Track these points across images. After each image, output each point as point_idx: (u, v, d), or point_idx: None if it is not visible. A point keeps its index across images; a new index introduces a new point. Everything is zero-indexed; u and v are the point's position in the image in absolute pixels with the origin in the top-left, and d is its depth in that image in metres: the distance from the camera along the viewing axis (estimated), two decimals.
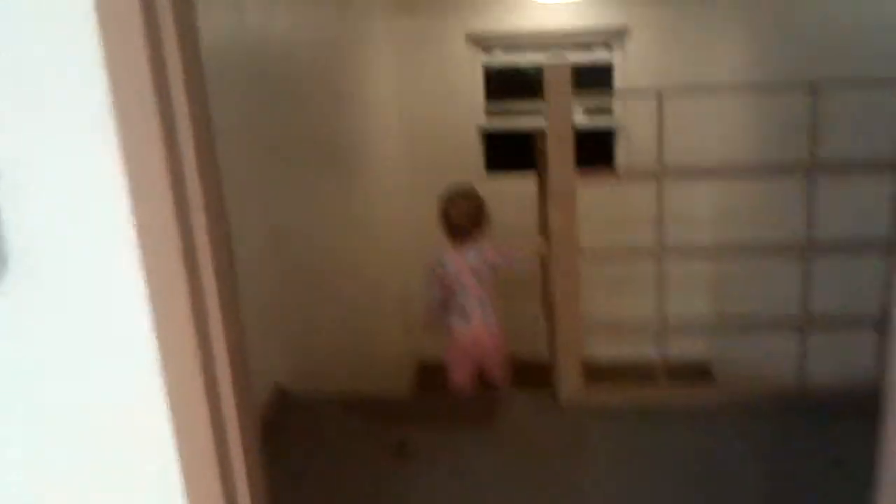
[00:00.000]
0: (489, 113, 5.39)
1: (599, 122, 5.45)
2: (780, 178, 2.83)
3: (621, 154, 5.42)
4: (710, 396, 2.70)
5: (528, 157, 5.46)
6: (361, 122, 4.43)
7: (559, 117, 2.43)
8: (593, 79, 5.32)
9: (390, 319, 5.10)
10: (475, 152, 5.46)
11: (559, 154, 2.46)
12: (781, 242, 2.56)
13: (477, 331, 3.10)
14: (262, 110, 2.74)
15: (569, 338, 2.64)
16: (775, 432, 2.51)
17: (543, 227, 2.74)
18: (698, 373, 5.49)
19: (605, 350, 4.42)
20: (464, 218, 3.05)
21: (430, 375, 3.17)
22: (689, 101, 5.03)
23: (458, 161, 5.40)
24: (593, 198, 3.11)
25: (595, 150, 5.46)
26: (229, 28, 2.48)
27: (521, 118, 5.39)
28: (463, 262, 3.06)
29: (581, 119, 5.26)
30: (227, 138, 2.47)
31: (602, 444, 2.52)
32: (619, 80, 5.24)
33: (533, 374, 3.23)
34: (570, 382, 2.69)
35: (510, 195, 5.39)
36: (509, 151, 5.53)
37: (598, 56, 5.25)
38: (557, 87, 2.42)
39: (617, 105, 5.32)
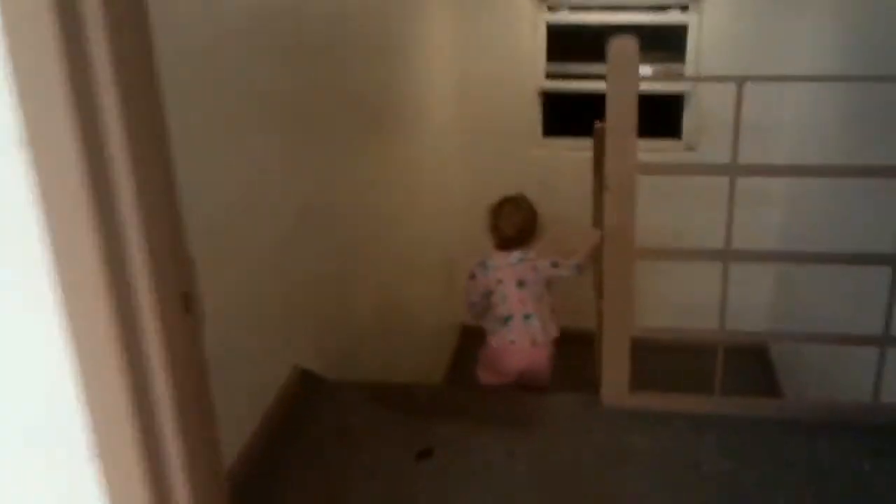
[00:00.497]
0: (551, 75, 5.08)
1: (668, 87, 5.12)
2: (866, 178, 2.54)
3: (689, 122, 5.09)
4: (772, 409, 2.48)
5: (590, 122, 5.19)
6: (413, 82, 4.20)
7: (621, 104, 2.17)
8: (665, 41, 4.98)
9: (434, 282, 4.94)
10: (534, 115, 5.18)
11: (619, 146, 2.20)
12: (864, 254, 2.29)
13: (517, 345, 2.87)
14: (296, 73, 2.53)
15: (616, 345, 2.43)
16: (840, 453, 2.29)
17: (598, 219, 2.50)
18: (754, 354, 5.22)
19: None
20: (514, 229, 2.83)
21: (473, 339, 3.00)
22: (765, 70, 4.69)
23: (515, 123, 5.14)
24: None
25: (660, 114, 5.13)
26: None
27: (585, 81, 5.09)
28: (507, 268, 2.83)
29: (647, 84, 4.93)
30: (254, 107, 2.29)
31: (647, 454, 2.32)
32: (693, 43, 4.89)
33: (584, 345, 3.01)
34: (615, 389, 2.49)
35: (569, 160, 5.14)
36: (572, 114, 5.24)
37: (672, 17, 4.88)
38: (621, 67, 2.15)
39: (688, 69, 4.96)
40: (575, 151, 5.13)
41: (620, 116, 2.18)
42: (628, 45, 2.14)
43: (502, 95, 5.06)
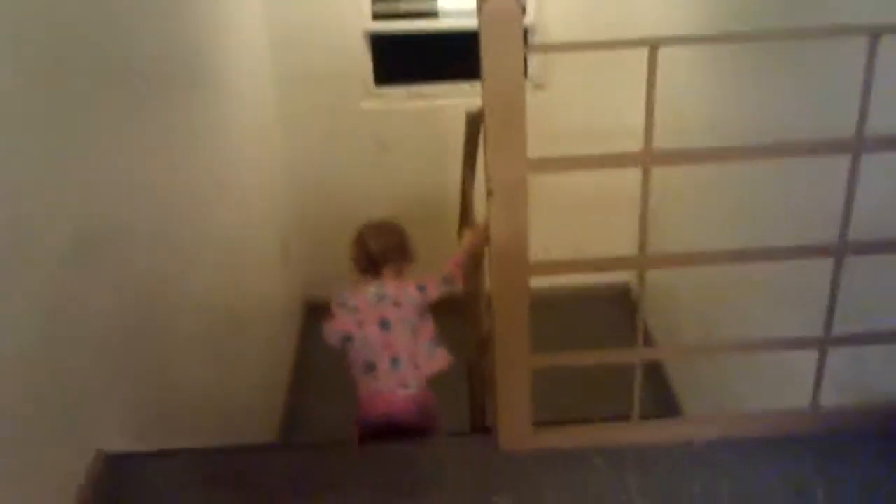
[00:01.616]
0: (377, 15, 4.39)
1: None
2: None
3: (535, 58, 4.60)
4: (699, 429, 2.08)
5: (425, 66, 4.61)
6: (215, 37, 3.43)
7: (504, 84, 1.61)
8: None
9: (270, 263, 4.28)
10: (362, 61, 4.50)
11: (504, 141, 1.65)
12: (806, 244, 1.89)
13: (384, 395, 2.33)
14: (38, 45, 1.79)
15: (513, 381, 1.93)
16: (784, 480, 1.93)
17: (467, 219, 1.97)
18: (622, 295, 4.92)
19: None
20: (383, 246, 2.28)
21: (319, 317, 2.41)
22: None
23: (342, 73, 4.45)
24: None
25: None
26: None
27: (416, 20, 4.48)
28: (367, 308, 2.27)
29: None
30: None
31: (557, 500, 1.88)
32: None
33: None
34: (515, 431, 2.01)
35: (408, 111, 4.59)
36: (403, 58, 4.64)
37: None
38: (501, 36, 1.58)
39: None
40: (414, 100, 4.58)
41: (504, 101, 1.62)
42: (507, 5, 1.56)
43: (324, 42, 4.35)
